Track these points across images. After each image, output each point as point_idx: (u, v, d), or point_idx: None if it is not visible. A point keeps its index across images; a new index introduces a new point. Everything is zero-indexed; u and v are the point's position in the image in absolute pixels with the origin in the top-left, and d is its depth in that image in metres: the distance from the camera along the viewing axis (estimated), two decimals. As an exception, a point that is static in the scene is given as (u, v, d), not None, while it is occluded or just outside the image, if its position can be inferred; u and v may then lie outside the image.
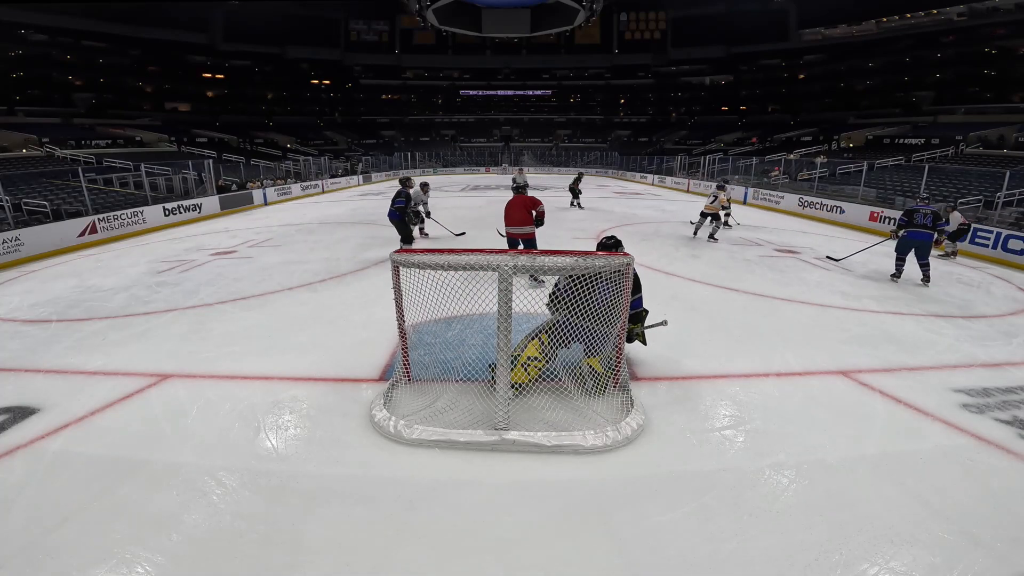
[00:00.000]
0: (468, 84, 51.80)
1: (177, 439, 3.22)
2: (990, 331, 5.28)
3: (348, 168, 32.30)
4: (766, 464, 2.96)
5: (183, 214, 14.21)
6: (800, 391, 3.88)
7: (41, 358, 4.55)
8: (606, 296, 3.35)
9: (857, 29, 38.72)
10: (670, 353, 4.54)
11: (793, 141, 33.81)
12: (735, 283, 6.96)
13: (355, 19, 48.28)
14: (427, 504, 2.64)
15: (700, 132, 42.03)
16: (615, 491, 2.74)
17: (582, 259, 3.21)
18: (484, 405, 3.33)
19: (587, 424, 3.23)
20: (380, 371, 4.17)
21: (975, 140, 24.14)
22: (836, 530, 2.44)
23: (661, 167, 31.39)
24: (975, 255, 9.51)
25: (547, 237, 8.51)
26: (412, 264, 3.24)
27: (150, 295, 6.58)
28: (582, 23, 29.00)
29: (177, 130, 33.21)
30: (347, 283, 7.06)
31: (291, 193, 21.47)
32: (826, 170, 20.73)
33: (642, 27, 49.24)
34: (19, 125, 25.00)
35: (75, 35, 34.22)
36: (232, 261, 8.62)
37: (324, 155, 32.41)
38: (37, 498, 2.69)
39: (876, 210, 12.76)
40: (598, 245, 4.36)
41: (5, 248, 8.94)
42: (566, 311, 3.42)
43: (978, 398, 3.74)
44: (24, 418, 3.49)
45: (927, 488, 2.75)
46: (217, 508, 2.60)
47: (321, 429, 3.33)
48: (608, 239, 4.34)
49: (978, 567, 2.22)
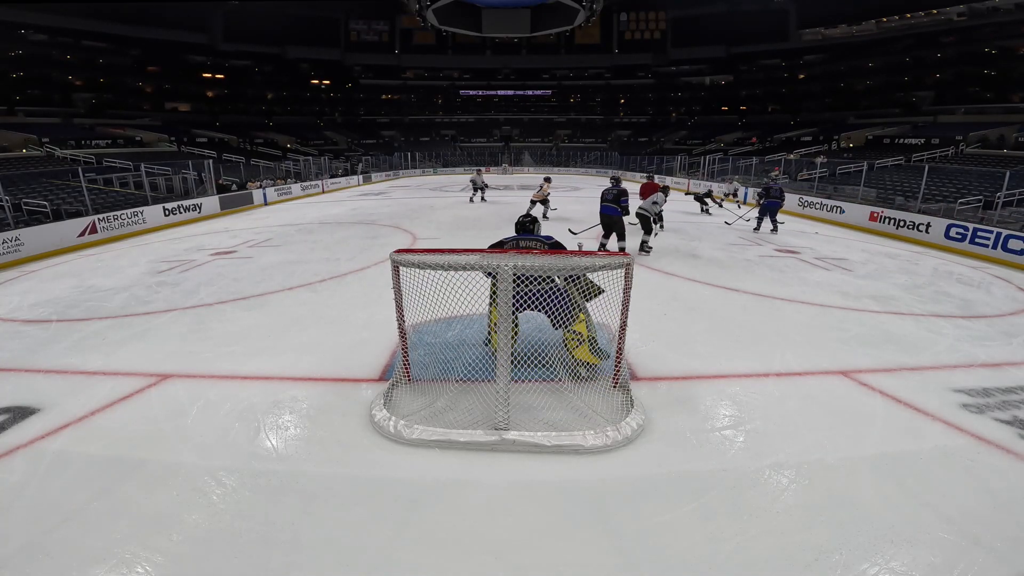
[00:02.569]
0: (468, 84, 51.79)
1: (177, 439, 3.22)
2: (990, 331, 5.28)
3: (348, 168, 32.29)
4: (766, 464, 2.96)
5: (183, 214, 14.20)
6: (800, 391, 3.88)
7: (41, 358, 4.55)
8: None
9: (857, 29, 38.71)
10: (670, 353, 4.54)
11: (793, 141, 33.80)
12: (735, 283, 6.96)
13: (355, 19, 48.26)
14: (427, 504, 2.64)
15: (700, 132, 42.02)
16: (615, 491, 2.74)
17: (582, 259, 3.21)
18: (484, 405, 3.33)
19: (587, 424, 3.23)
20: (380, 371, 4.17)
21: (975, 140, 24.14)
22: (836, 530, 2.44)
23: (661, 167, 31.37)
24: (975, 255, 9.52)
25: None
26: (412, 264, 3.24)
27: (150, 295, 6.58)
28: (582, 23, 28.99)
29: (177, 130, 33.20)
30: (347, 283, 7.06)
31: (291, 193, 21.46)
32: (826, 170, 20.74)
33: (642, 27, 49.23)
34: (19, 125, 24.99)
35: (75, 35, 34.20)
36: (232, 261, 8.62)
37: (324, 155, 32.40)
38: (37, 498, 2.69)
39: (876, 210, 12.76)
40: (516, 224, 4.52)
41: (5, 248, 8.94)
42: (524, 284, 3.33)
43: (978, 398, 3.73)
44: (24, 418, 3.49)
45: (927, 488, 2.75)
46: (217, 508, 2.60)
47: (321, 429, 3.33)
48: (524, 217, 4.53)
49: (978, 567, 2.22)
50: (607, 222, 8.10)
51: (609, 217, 8.03)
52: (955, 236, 10.19)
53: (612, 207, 7.96)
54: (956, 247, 10.06)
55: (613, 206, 7.95)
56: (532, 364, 3.68)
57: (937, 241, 10.56)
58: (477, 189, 17.84)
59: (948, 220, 10.68)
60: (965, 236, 9.96)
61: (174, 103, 38.79)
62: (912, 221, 11.40)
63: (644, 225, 8.69)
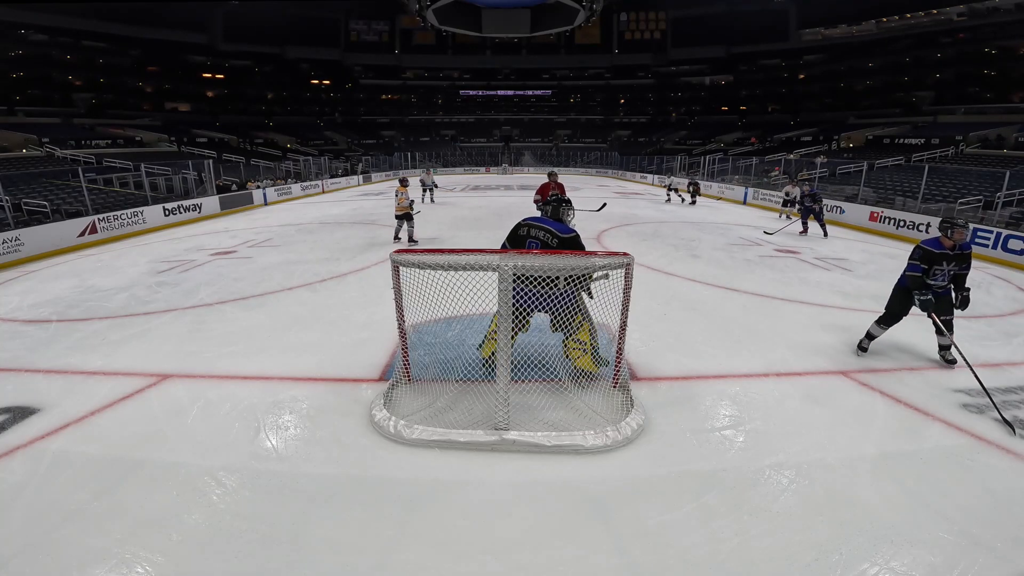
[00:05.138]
0: (468, 84, 51.80)
1: (177, 439, 3.22)
2: (990, 331, 5.28)
3: (348, 168, 32.30)
4: (766, 464, 2.96)
5: (183, 214, 14.20)
6: (800, 391, 3.88)
7: (41, 358, 4.55)
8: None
9: (857, 29, 38.72)
10: (670, 353, 4.54)
11: (793, 141, 33.80)
12: (735, 283, 6.96)
13: (355, 19, 48.28)
14: (427, 504, 2.64)
15: (700, 132, 42.04)
16: (615, 491, 2.74)
17: (582, 259, 3.21)
18: (484, 405, 3.33)
19: (587, 424, 3.22)
20: (380, 371, 4.17)
21: (975, 140, 24.14)
22: (836, 530, 2.44)
23: (661, 167, 31.37)
24: (975, 255, 9.48)
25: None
26: (412, 264, 3.24)
27: (150, 295, 6.58)
28: (582, 23, 29.04)
29: (177, 130, 33.21)
30: (347, 283, 7.06)
31: (291, 193, 21.46)
32: (826, 170, 20.74)
33: (642, 27, 49.25)
34: (19, 125, 25.00)
35: (75, 35, 34.22)
36: (232, 261, 8.62)
37: (324, 155, 32.41)
38: (37, 498, 2.69)
39: (876, 210, 12.76)
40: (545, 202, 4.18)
41: (5, 248, 8.94)
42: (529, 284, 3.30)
43: (978, 398, 3.73)
44: (24, 418, 3.49)
45: (927, 488, 2.75)
46: (217, 508, 2.60)
47: (321, 429, 3.33)
48: (552, 196, 4.22)
49: (978, 567, 2.22)
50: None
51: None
52: (955, 236, 10.17)
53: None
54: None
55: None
56: (532, 365, 3.68)
57: (937, 241, 10.53)
58: (427, 189, 17.37)
59: (948, 220, 10.66)
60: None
61: (174, 103, 38.82)
62: (912, 221, 11.41)
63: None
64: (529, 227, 3.85)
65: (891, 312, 4.39)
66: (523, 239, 3.82)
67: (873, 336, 4.49)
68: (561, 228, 3.82)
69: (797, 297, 6.36)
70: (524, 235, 3.83)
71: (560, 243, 3.72)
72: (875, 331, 4.46)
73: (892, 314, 4.38)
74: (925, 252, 4.21)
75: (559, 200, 4.07)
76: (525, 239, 3.81)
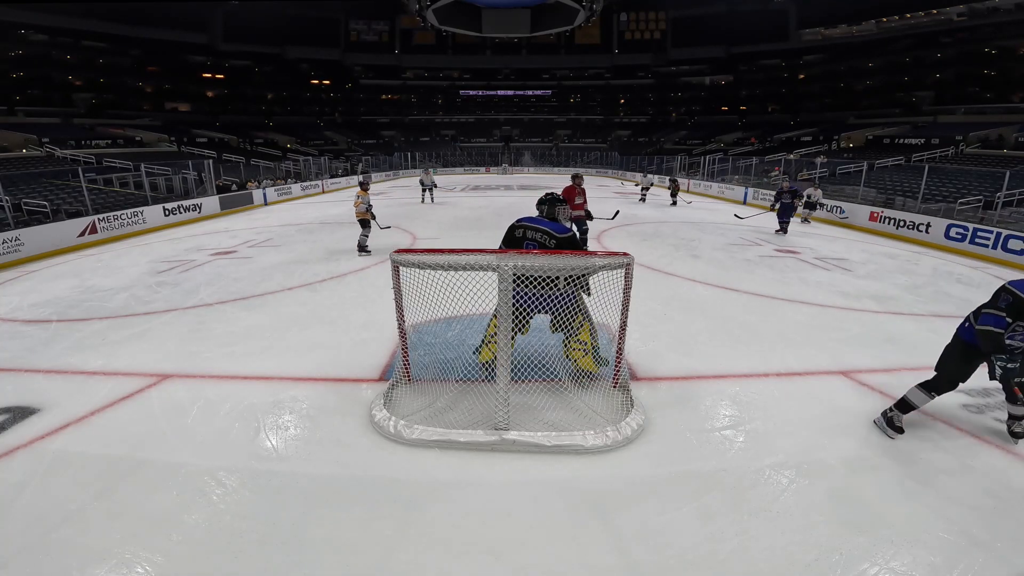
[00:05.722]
0: (468, 84, 51.79)
1: (177, 439, 3.22)
2: (990, 331, 5.27)
3: (348, 168, 32.29)
4: (766, 464, 2.96)
5: (183, 214, 14.20)
6: (800, 391, 3.88)
7: (41, 358, 4.55)
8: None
9: (857, 29, 38.72)
10: (670, 353, 4.54)
11: (793, 141, 33.82)
12: (735, 283, 6.96)
13: (355, 19, 48.27)
14: (427, 504, 2.64)
15: (700, 132, 42.05)
16: (615, 491, 2.74)
17: (582, 259, 3.21)
18: (484, 405, 3.32)
19: (587, 424, 3.22)
20: (380, 371, 4.17)
21: (975, 140, 24.14)
22: (836, 530, 2.44)
23: (661, 167, 31.37)
24: (975, 255, 9.52)
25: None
26: (412, 264, 3.24)
27: (150, 295, 6.58)
28: (582, 23, 29.05)
29: (177, 130, 33.22)
30: (347, 283, 7.06)
31: (291, 193, 21.46)
32: (826, 170, 20.75)
33: (642, 27, 49.24)
34: (19, 125, 25.01)
35: (75, 35, 34.23)
36: (232, 261, 8.61)
37: (324, 155, 32.42)
38: (37, 498, 2.69)
39: (876, 210, 12.76)
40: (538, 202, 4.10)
41: (5, 248, 8.94)
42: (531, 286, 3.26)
43: (978, 398, 3.73)
44: (24, 418, 3.49)
45: (927, 488, 2.75)
46: (217, 508, 2.60)
47: (321, 429, 3.33)
48: (547, 195, 4.14)
49: (978, 567, 2.22)
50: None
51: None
52: (955, 236, 10.19)
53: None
54: (956, 247, 10.06)
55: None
56: (532, 365, 3.68)
57: (937, 241, 10.56)
58: (426, 189, 17.64)
59: (948, 220, 10.69)
60: (965, 236, 9.96)
61: (174, 103, 38.82)
62: (912, 221, 11.41)
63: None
64: (525, 228, 3.80)
65: (948, 378, 3.16)
66: (519, 240, 3.77)
67: (913, 406, 3.23)
68: (557, 228, 3.79)
69: (797, 297, 6.36)
70: (520, 236, 3.78)
71: (557, 243, 3.69)
72: (917, 400, 3.21)
73: (950, 381, 3.15)
74: (1018, 300, 2.88)
75: (554, 199, 4.04)
76: (522, 240, 3.76)
